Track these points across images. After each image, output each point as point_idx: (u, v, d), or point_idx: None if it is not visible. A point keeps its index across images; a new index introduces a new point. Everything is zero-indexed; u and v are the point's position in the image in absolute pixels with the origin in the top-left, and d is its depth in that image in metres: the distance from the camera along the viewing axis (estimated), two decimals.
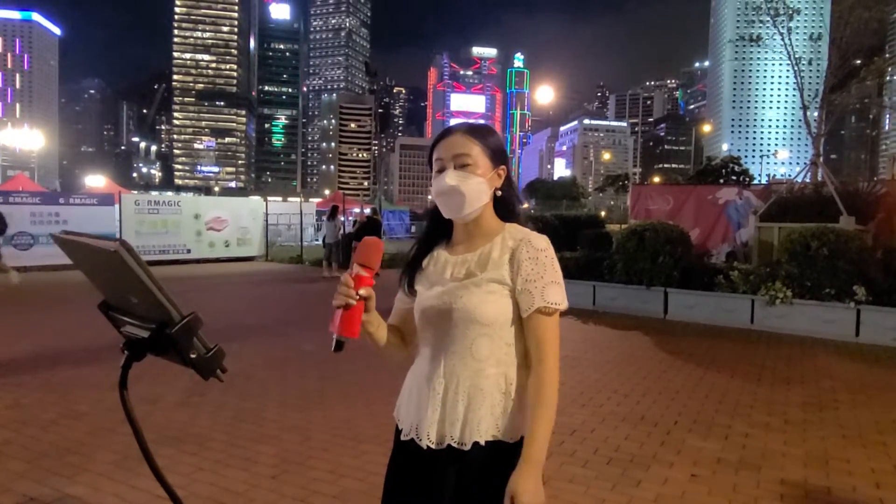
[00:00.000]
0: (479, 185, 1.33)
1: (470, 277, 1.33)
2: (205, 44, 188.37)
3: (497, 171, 1.38)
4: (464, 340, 1.31)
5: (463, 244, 1.41)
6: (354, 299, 1.22)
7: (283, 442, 3.61)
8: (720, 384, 5.00)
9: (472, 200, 1.33)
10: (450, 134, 1.38)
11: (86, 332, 6.90)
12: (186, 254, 16.43)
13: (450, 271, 1.37)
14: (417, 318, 1.40)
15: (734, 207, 10.71)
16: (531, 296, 1.28)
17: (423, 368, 1.39)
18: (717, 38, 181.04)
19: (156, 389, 4.62)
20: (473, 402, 1.29)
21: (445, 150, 1.36)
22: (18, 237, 13.86)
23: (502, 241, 1.36)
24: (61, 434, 3.73)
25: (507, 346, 1.32)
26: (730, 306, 7.77)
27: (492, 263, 1.32)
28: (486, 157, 1.36)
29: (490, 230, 1.39)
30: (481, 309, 1.29)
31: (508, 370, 1.31)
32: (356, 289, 1.23)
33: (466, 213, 1.34)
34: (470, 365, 1.30)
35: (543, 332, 1.29)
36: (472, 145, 1.34)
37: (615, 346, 6.53)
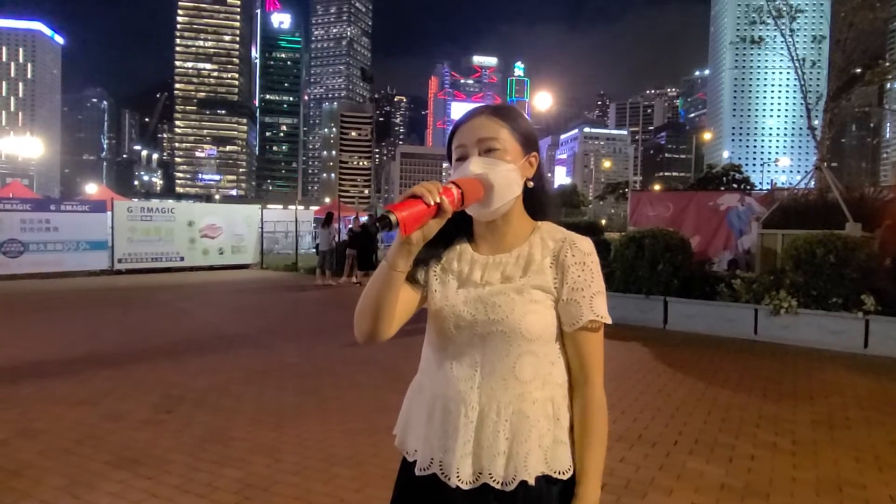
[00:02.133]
0: (509, 172, 1.12)
1: (508, 282, 1.13)
2: (207, 53, 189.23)
3: (528, 159, 1.17)
4: (506, 359, 1.10)
5: (489, 243, 1.19)
6: (434, 199, 0.98)
7: (249, 465, 3.33)
8: (723, 400, 4.71)
9: (503, 192, 1.11)
10: (473, 116, 1.17)
11: (61, 343, 6.63)
12: (180, 261, 16.19)
13: (479, 273, 1.15)
14: (437, 324, 1.16)
15: (736, 214, 10.43)
16: (579, 307, 1.10)
17: (442, 387, 1.14)
18: (718, 47, 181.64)
19: (122, 406, 4.35)
20: (519, 433, 1.08)
21: (468, 135, 1.15)
22: (8, 244, 13.64)
23: (541, 241, 1.16)
24: (10, 455, 3.44)
25: (550, 364, 1.13)
26: (732, 316, 7.48)
27: (533, 267, 1.13)
28: (517, 141, 1.15)
29: (521, 228, 1.18)
30: (527, 321, 1.09)
31: (555, 393, 1.13)
32: (441, 194, 0.99)
33: (496, 208, 1.12)
34: (513, 388, 1.10)
35: (591, 348, 1.13)
36: (500, 128, 1.14)
37: (611, 357, 6.25)
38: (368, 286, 1.10)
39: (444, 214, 1.00)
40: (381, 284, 1.07)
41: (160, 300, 10.58)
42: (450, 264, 1.20)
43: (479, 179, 1.09)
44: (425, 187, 0.98)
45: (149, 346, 6.50)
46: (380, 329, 1.10)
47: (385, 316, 1.09)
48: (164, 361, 5.77)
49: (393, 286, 1.06)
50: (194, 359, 5.90)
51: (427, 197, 0.97)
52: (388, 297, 1.07)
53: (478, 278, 1.15)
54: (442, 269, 1.20)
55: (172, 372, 5.34)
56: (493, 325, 1.10)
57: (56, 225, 14.38)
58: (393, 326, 1.12)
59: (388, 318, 1.10)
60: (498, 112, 1.17)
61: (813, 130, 10.02)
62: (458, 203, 1.02)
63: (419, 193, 0.97)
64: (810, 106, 9.83)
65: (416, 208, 0.97)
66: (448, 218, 1.02)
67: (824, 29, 10.93)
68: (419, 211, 0.97)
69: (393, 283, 1.06)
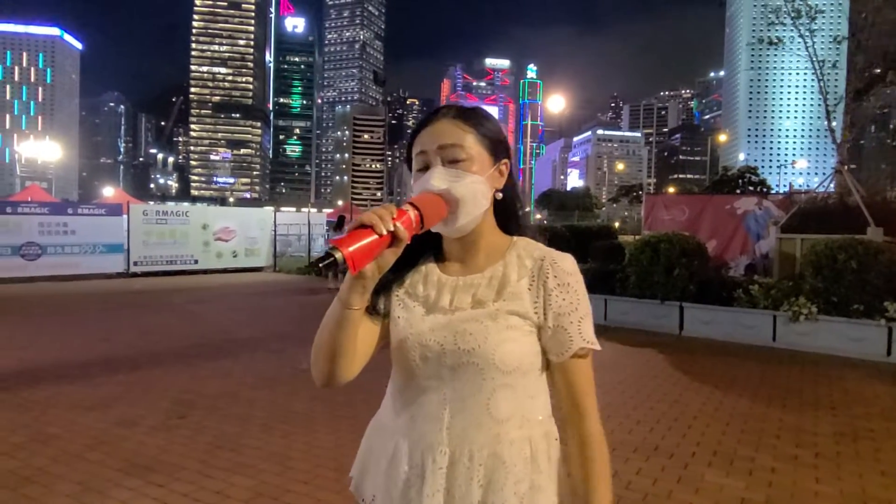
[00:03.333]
0: (476, 185, 1.00)
1: (480, 307, 1.01)
2: (221, 57, 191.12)
3: (498, 167, 1.05)
4: (478, 395, 0.98)
5: (459, 262, 1.07)
6: (386, 228, 0.87)
7: (260, 472, 3.31)
8: (741, 410, 4.61)
9: (469, 207, 0.99)
10: (435, 119, 1.04)
11: (77, 346, 6.68)
12: (194, 264, 16.29)
13: (448, 297, 1.03)
14: (401, 356, 1.04)
15: (753, 218, 10.29)
16: (567, 335, 0.99)
17: (406, 428, 1.02)
18: (733, 48, 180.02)
19: (135, 411, 4.35)
20: (495, 480, 0.96)
21: (430, 141, 1.02)
22: (26, 247, 13.80)
23: (517, 259, 1.04)
24: (24, 460, 3.45)
25: (529, 399, 1.02)
26: (750, 322, 7.35)
27: (509, 290, 1.01)
28: (484, 148, 1.03)
29: (494, 245, 1.07)
30: (502, 351, 0.97)
31: (533, 432, 1.01)
32: (395, 220, 0.88)
33: (462, 224, 1.00)
34: (487, 427, 0.98)
35: (583, 378, 1.01)
36: (465, 133, 1.02)
37: (626, 364, 6.15)
38: (322, 325, 0.98)
39: (400, 243, 0.89)
40: (335, 324, 0.95)
41: (173, 303, 10.64)
42: (414, 288, 1.07)
43: (442, 195, 0.97)
44: (377, 214, 0.87)
45: (162, 350, 6.52)
46: (338, 372, 0.99)
47: (343, 358, 0.98)
48: (176, 365, 5.78)
49: (348, 326, 0.95)
50: (207, 363, 5.90)
51: (378, 226, 0.86)
52: (345, 338, 0.96)
53: (446, 303, 1.03)
54: (406, 294, 1.07)
55: (185, 376, 5.34)
56: (464, 356, 0.98)
57: (73, 228, 14.53)
58: (354, 367, 1.01)
59: (348, 360, 0.99)
60: (462, 115, 1.04)
61: (832, 132, 9.85)
62: (416, 226, 0.92)
63: (369, 222, 0.86)
64: (830, 107, 9.66)
65: (366, 240, 0.85)
66: (406, 244, 0.91)
67: (844, 29, 10.75)
68: (370, 243, 0.86)
69: (348, 323, 0.95)
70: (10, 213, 13.78)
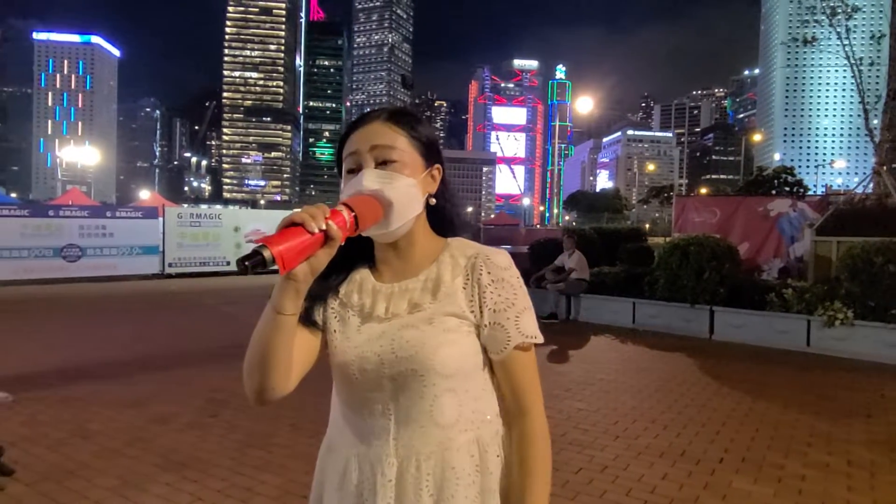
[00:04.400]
0: (409, 188, 0.98)
1: (417, 311, 0.99)
2: (253, 62, 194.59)
3: (430, 172, 1.03)
4: (421, 402, 0.96)
5: (393, 268, 1.05)
6: (317, 227, 0.82)
7: (288, 471, 3.39)
8: (772, 415, 4.53)
9: (402, 210, 0.97)
10: (367, 121, 1.02)
11: (114, 345, 6.91)
12: (226, 265, 16.64)
13: (384, 304, 1.01)
14: (340, 371, 1.01)
15: (787, 220, 10.06)
16: (504, 331, 0.98)
17: (354, 444, 1.00)
18: (768, 45, 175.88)
19: (169, 409, 4.50)
20: (445, 488, 0.95)
21: (361, 141, 0.99)
22: (67, 249, 14.29)
23: (451, 259, 1.02)
24: (67, 455, 3.61)
25: (474, 400, 1.00)
26: (783, 327, 7.20)
27: (443, 290, 0.99)
28: (416, 151, 1.01)
29: (428, 249, 1.05)
30: (441, 355, 0.95)
31: (482, 432, 0.99)
32: (328, 219, 0.84)
33: (395, 228, 0.97)
34: (433, 435, 0.96)
35: (524, 373, 1.00)
36: (397, 136, 1.00)
37: (655, 368, 6.09)
38: (254, 334, 0.92)
39: (333, 243, 0.85)
40: (267, 332, 0.89)
41: (207, 304, 10.91)
42: (349, 298, 1.04)
43: (375, 196, 0.94)
44: (308, 212, 0.83)
45: (195, 349, 6.71)
46: (271, 384, 0.93)
47: (276, 369, 0.91)
48: (209, 365, 5.94)
49: (281, 332, 0.89)
50: (238, 362, 5.90)
51: (309, 224, 0.82)
52: (278, 347, 0.90)
53: (382, 311, 1.00)
54: (341, 305, 1.04)
55: (217, 375, 5.49)
56: (403, 364, 0.95)
57: (111, 231, 15.00)
58: (290, 380, 0.96)
59: (282, 371, 0.93)
60: (395, 117, 1.02)
61: (871, 132, 9.58)
62: (350, 228, 0.88)
63: (299, 220, 0.82)
64: (868, 107, 9.40)
65: (297, 239, 0.81)
66: (340, 245, 0.87)
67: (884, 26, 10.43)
68: (301, 242, 0.82)
69: (281, 329, 0.89)
70: (52, 216, 14.30)
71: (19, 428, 4.06)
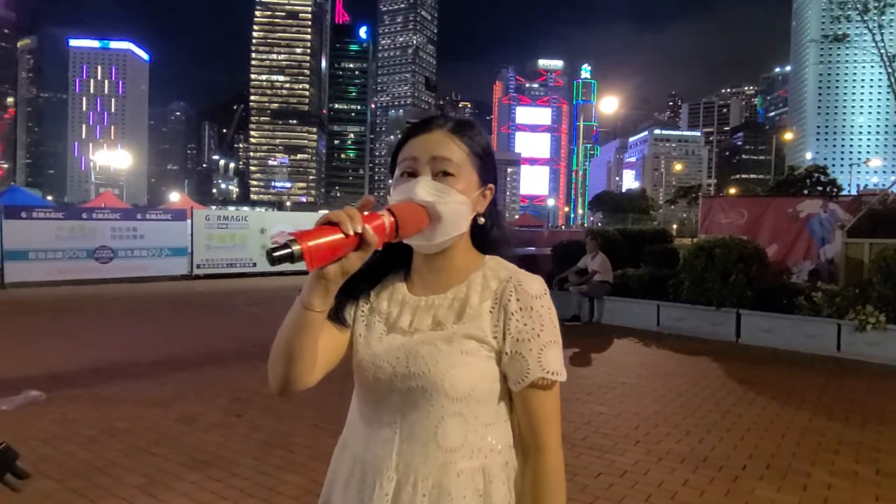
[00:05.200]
0: (460, 206, 0.96)
1: (438, 329, 0.97)
2: (279, 65, 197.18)
3: (483, 191, 1.02)
4: (426, 421, 0.94)
5: (425, 281, 1.03)
6: (353, 229, 0.81)
7: (310, 471, 3.44)
8: (799, 422, 4.44)
9: (448, 227, 0.95)
10: (430, 128, 0.99)
11: (143, 345, 7.08)
12: (252, 267, 16.89)
13: (409, 317, 1.00)
14: (358, 374, 1.02)
15: (818, 221, 9.82)
16: (525, 363, 0.94)
17: (362, 449, 0.99)
18: (800, 41, 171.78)
19: (195, 408, 4.59)
20: None
21: (423, 148, 0.97)
22: (100, 251, 14.67)
23: (483, 280, 0.99)
24: (97, 452, 3.71)
25: (484, 427, 0.96)
26: (812, 331, 7.04)
27: (469, 312, 0.97)
28: (474, 168, 0.99)
29: (464, 265, 1.02)
30: (452, 376, 0.92)
31: (489, 462, 0.95)
32: (365, 222, 0.82)
33: (436, 243, 0.96)
34: (434, 456, 0.93)
35: (541, 409, 0.95)
36: (458, 150, 0.97)
37: (679, 373, 6.01)
38: (282, 326, 0.92)
39: (368, 247, 0.83)
40: (294, 325, 0.89)
41: (233, 305, 11.09)
42: (379, 303, 1.03)
43: (426, 207, 0.92)
44: (347, 213, 0.81)
45: (221, 350, 6.84)
46: (295, 377, 0.93)
47: (301, 362, 0.91)
48: (235, 365, 6.06)
49: (308, 328, 0.89)
50: (263, 363, 6.04)
51: (345, 225, 0.80)
52: (304, 341, 0.90)
53: (406, 323, 0.99)
54: (370, 310, 1.03)
55: (242, 376, 5.59)
56: (413, 380, 0.94)
57: (142, 233, 15.35)
58: (313, 374, 0.95)
59: (306, 365, 0.93)
60: (460, 129, 0.99)
61: None
62: (390, 233, 0.86)
63: (336, 220, 0.80)
64: None
65: (330, 237, 0.79)
66: (375, 251, 0.85)
67: None
68: (334, 241, 0.80)
69: (308, 325, 0.88)
70: (85, 219, 14.70)
71: (51, 426, 4.19)
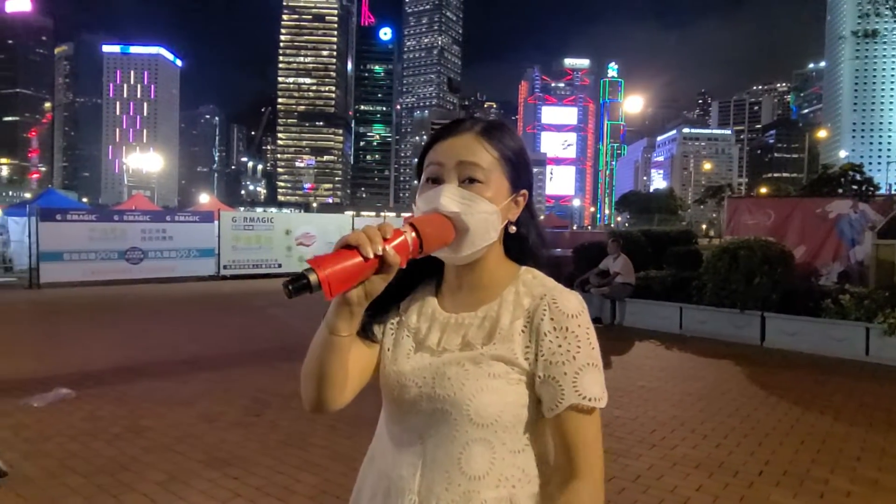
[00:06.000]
0: (488, 215, 0.90)
1: (467, 350, 0.91)
2: (306, 68, 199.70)
3: (515, 198, 0.95)
4: (450, 446, 0.89)
5: (456, 295, 0.98)
6: (374, 251, 0.77)
7: (326, 471, 3.51)
8: (821, 427, 4.36)
9: (477, 238, 0.90)
10: (458, 131, 0.93)
11: (169, 345, 7.27)
12: (277, 268, 17.15)
13: (438, 335, 0.95)
14: (385, 391, 0.98)
15: (847, 222, 9.59)
16: (559, 388, 0.86)
17: (388, 465, 0.96)
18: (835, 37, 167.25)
19: (216, 408, 4.71)
20: None
21: (449, 153, 0.91)
22: (131, 252, 15.08)
23: (515, 297, 0.93)
24: (121, 449, 3.84)
25: (512, 454, 0.90)
26: (840, 335, 6.88)
27: (500, 333, 0.90)
28: (504, 174, 0.93)
29: (497, 279, 0.96)
30: (478, 402, 0.87)
31: (517, 492, 0.89)
32: (387, 242, 0.79)
33: (466, 254, 0.91)
34: (457, 483, 0.88)
35: (578, 434, 0.87)
36: (487, 154, 0.91)
37: (700, 376, 5.93)
38: (310, 349, 0.91)
39: (390, 268, 0.80)
40: (321, 350, 0.88)
41: (257, 306, 11.28)
42: (409, 318, 0.98)
43: (451, 218, 0.87)
44: (366, 234, 0.77)
45: (244, 350, 6.98)
46: (327, 398, 0.92)
47: (329, 385, 0.90)
48: (255, 365, 6.18)
49: (336, 352, 0.87)
50: (283, 364, 6.26)
51: (365, 248, 0.76)
52: (333, 365, 0.88)
53: (434, 342, 0.94)
54: (399, 324, 0.99)
55: (263, 376, 5.70)
56: (438, 403, 0.89)
57: (171, 234, 15.72)
58: (345, 394, 0.94)
59: (336, 387, 0.91)
60: (489, 132, 0.93)
61: None
62: (413, 250, 0.82)
63: (355, 243, 0.77)
64: None
65: (348, 262, 0.76)
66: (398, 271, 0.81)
67: None
68: (352, 266, 0.76)
69: (335, 349, 0.87)
70: (117, 221, 15.12)
71: (80, 423, 4.34)
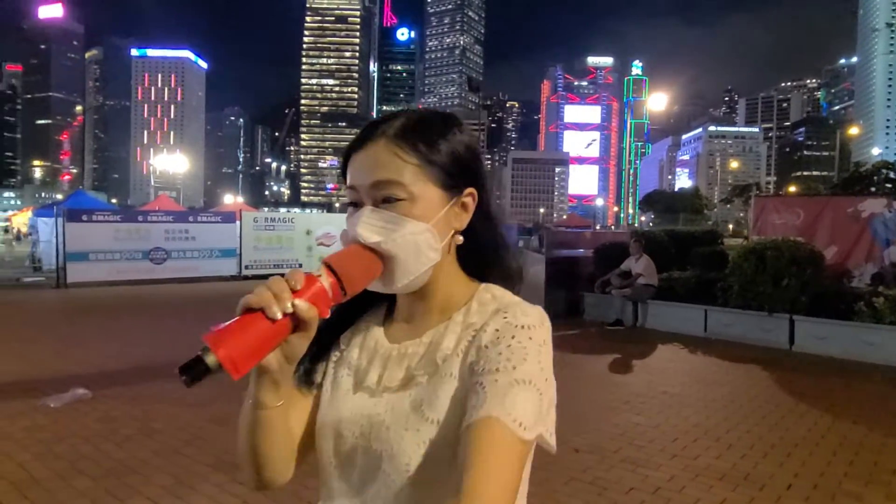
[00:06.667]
0: (417, 237, 0.73)
1: (411, 385, 0.76)
2: (329, 69, 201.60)
3: (459, 202, 0.78)
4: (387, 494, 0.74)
5: (405, 322, 0.83)
6: (282, 309, 0.62)
7: None
8: (854, 438, 4.14)
9: (409, 264, 0.74)
10: (368, 140, 0.77)
11: (186, 345, 7.21)
12: (299, 268, 17.20)
13: (378, 371, 0.79)
14: (318, 442, 0.81)
15: (881, 221, 9.21)
16: (483, 394, 0.67)
17: None
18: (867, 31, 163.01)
19: (228, 410, 4.66)
20: None
21: (361, 174, 0.76)
22: (154, 252, 15.27)
23: (464, 318, 0.78)
24: (131, 451, 3.81)
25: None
26: (873, 339, 6.59)
27: (442, 366, 0.75)
28: (434, 181, 0.76)
29: (451, 299, 0.80)
30: (418, 456, 0.71)
31: None
32: (298, 294, 0.63)
33: (399, 286, 0.76)
34: None
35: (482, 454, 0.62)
36: (405, 165, 0.74)
37: (725, 381, 5.73)
38: (239, 427, 0.77)
39: (307, 326, 0.64)
40: (251, 428, 0.74)
41: None
42: (350, 352, 0.83)
43: (375, 248, 0.73)
44: (271, 290, 0.62)
45: None
46: (269, 477, 0.78)
47: (273, 462, 0.77)
48: None
49: (269, 427, 0.73)
50: None
51: (271, 309, 0.61)
52: (268, 441, 0.75)
53: (374, 380, 0.78)
54: (338, 360, 0.84)
55: None
56: (374, 460, 0.74)
57: (194, 234, 15.88)
58: (291, 466, 0.80)
59: (277, 464, 0.77)
60: (405, 135, 0.75)
61: None
62: (335, 296, 0.67)
63: (257, 305, 0.61)
64: None
65: (254, 331, 0.61)
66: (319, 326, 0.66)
67: None
68: (259, 334, 0.61)
69: (268, 425, 0.73)
70: (141, 222, 15.34)
71: (94, 423, 4.34)
